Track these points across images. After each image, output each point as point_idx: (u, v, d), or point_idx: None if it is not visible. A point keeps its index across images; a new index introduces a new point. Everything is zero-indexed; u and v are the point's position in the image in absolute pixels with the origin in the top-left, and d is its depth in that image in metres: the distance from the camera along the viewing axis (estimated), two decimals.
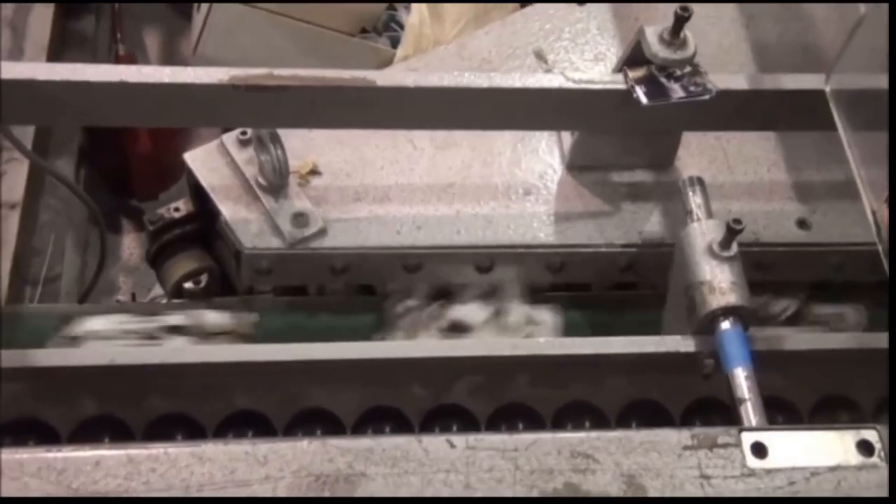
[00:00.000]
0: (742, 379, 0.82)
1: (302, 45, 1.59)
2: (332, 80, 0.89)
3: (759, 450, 0.57)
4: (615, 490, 0.53)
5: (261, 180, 1.01)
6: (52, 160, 1.41)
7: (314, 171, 1.04)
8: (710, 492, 0.54)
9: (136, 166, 1.56)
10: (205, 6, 1.55)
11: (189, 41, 1.96)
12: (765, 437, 0.58)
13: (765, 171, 1.10)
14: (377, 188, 1.04)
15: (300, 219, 0.99)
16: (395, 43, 1.71)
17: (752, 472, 0.55)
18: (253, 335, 0.99)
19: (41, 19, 1.41)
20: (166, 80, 0.86)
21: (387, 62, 1.65)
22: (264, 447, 0.53)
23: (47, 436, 0.90)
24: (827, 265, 1.08)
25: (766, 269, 1.05)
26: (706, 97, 0.92)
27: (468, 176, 1.06)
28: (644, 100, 0.90)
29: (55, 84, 0.85)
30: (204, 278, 1.07)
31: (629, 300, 1.09)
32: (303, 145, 1.05)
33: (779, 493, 0.54)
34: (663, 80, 0.92)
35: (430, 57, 1.18)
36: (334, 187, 1.03)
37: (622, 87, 0.93)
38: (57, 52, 1.47)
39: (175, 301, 1.05)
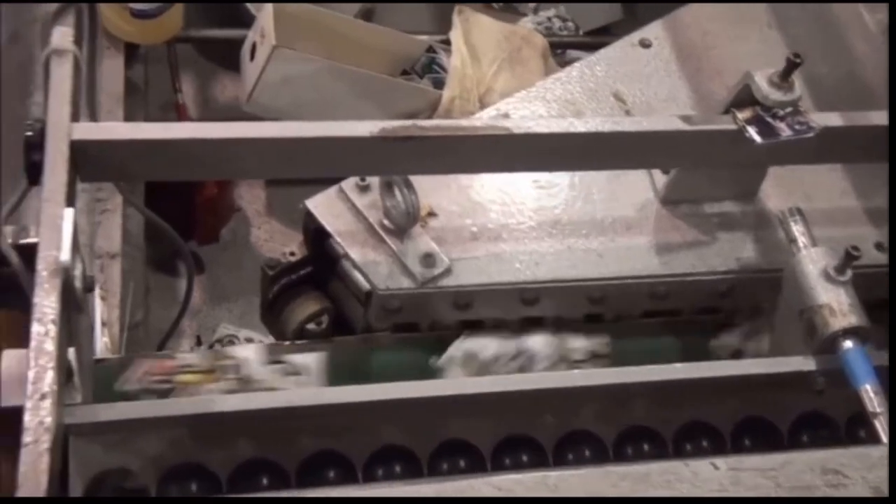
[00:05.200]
0: (872, 394, 0.89)
1: (354, 90, 1.64)
2: (470, 128, 0.95)
3: None
4: None
5: (387, 223, 1.05)
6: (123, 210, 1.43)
7: (431, 214, 1.09)
8: None
9: (200, 211, 1.59)
10: (260, 56, 1.59)
11: (224, 87, 2.00)
12: None
13: (838, 199, 1.19)
14: (490, 228, 1.10)
15: (428, 259, 1.04)
16: (436, 84, 1.77)
17: None
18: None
19: (113, 70, 1.43)
20: (322, 133, 0.91)
21: (434, 103, 1.71)
22: (554, 475, 0.58)
23: (207, 479, 0.93)
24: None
25: None
26: (810, 135, 0.99)
27: (572, 213, 1.12)
28: (757, 139, 0.98)
29: (209, 142, 0.89)
30: (325, 319, 1.11)
31: (714, 324, 1.16)
32: None
33: None
34: (769, 119, 0.99)
35: (516, 100, 1.24)
36: (450, 228, 1.09)
37: (732, 127, 1.00)
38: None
39: (300, 342, 1.09)
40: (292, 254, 1.12)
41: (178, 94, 1.63)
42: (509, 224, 1.10)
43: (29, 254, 0.86)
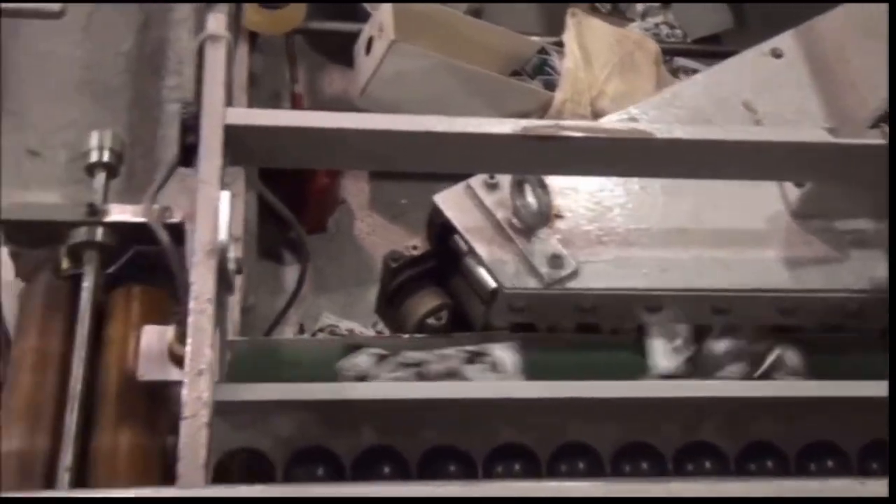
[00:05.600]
0: None
1: (467, 87, 1.65)
2: (611, 131, 0.94)
3: None
4: None
5: (515, 222, 1.05)
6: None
7: (558, 215, 1.08)
8: None
9: (313, 200, 1.61)
10: (377, 50, 1.60)
11: (332, 80, 2.03)
12: None
13: None
14: (617, 232, 1.09)
15: (556, 260, 1.04)
16: (547, 85, 1.77)
17: None
18: None
19: (239, 59, 1.47)
20: (469, 129, 0.91)
21: (545, 104, 1.71)
22: (726, 486, 0.57)
23: (332, 464, 0.95)
24: None
25: None
26: None
27: (700, 221, 1.11)
28: None
29: (361, 133, 0.90)
30: (444, 315, 1.11)
31: (840, 343, 1.13)
32: None
33: None
34: None
35: (644, 105, 1.23)
36: (578, 231, 1.08)
37: (881, 142, 0.97)
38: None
39: (419, 336, 1.09)
40: (415, 247, 1.13)
41: (295, 85, 1.65)
42: (636, 229, 1.09)
43: (175, 234, 0.88)
